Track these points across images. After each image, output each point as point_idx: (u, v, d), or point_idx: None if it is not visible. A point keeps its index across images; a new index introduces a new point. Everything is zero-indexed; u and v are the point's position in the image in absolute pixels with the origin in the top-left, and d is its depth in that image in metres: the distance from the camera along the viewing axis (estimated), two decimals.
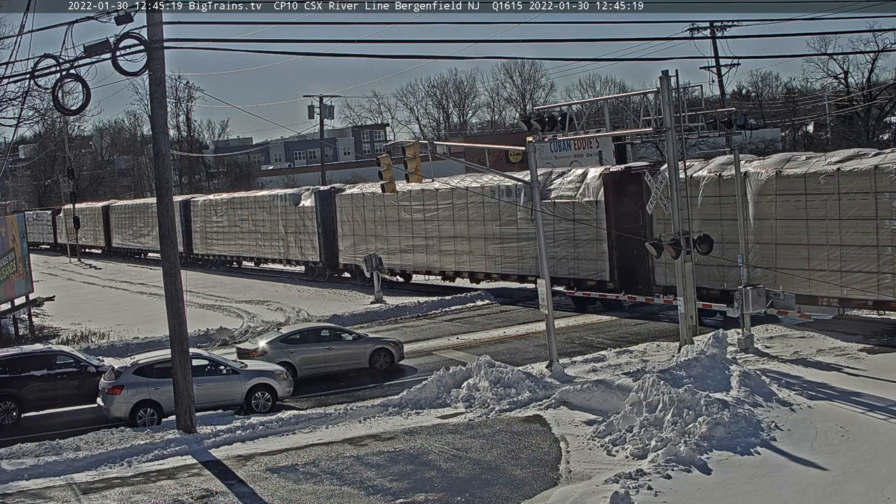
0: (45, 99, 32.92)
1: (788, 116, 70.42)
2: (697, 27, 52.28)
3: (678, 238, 21.86)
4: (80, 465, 17.50)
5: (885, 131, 64.48)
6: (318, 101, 69.63)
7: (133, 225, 66.29)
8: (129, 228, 67.02)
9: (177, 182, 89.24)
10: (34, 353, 23.29)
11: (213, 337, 29.75)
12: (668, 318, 27.16)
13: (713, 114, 23.59)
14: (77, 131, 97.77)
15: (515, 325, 29.36)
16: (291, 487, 15.67)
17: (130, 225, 66.93)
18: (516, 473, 15.49)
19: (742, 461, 14.99)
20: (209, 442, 18.48)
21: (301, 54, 20.48)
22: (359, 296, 37.06)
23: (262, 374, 21.80)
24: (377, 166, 24.74)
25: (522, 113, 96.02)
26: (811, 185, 23.46)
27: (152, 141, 20.34)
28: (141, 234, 64.32)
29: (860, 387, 18.35)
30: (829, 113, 70.28)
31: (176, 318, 19.04)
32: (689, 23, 51.62)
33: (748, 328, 22.36)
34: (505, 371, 20.66)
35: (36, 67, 17.89)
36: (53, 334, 33.19)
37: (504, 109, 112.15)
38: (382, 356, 24.77)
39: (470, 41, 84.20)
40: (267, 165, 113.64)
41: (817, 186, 23.30)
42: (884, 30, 54.79)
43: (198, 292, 39.70)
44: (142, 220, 63.78)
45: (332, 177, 68.17)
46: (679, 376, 18.11)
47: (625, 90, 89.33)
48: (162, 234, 19.45)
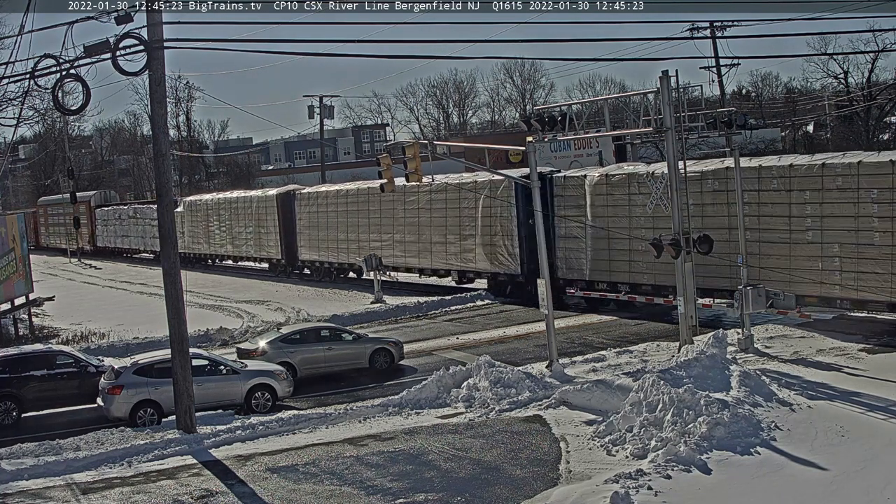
0: (45, 99, 32.95)
1: (788, 116, 70.44)
2: (697, 27, 52.39)
3: (678, 238, 21.87)
4: (80, 465, 17.51)
5: (885, 131, 64.50)
6: (318, 101, 69.70)
7: (215, 226, 53.84)
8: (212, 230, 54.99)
9: (177, 182, 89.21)
10: (34, 353, 23.29)
11: (213, 337, 29.77)
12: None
13: (713, 114, 23.56)
14: (77, 131, 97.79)
15: (515, 325, 29.36)
16: (291, 487, 15.67)
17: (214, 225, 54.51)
18: (516, 473, 15.49)
19: (742, 461, 14.99)
20: (209, 442, 18.48)
21: (301, 54, 20.44)
22: (359, 296, 37.07)
23: (262, 374, 21.80)
24: (377, 166, 24.77)
25: (522, 113, 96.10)
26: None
27: (152, 141, 20.35)
28: (231, 237, 52.05)
29: (860, 387, 18.35)
30: (829, 113, 70.29)
31: (176, 318, 19.05)
32: (689, 23, 51.79)
33: (748, 328, 22.36)
34: (505, 371, 20.66)
35: (36, 67, 17.90)
36: (53, 334, 33.20)
37: (504, 109, 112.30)
38: (382, 356, 24.78)
39: (470, 41, 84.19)
40: (267, 165, 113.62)
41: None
42: (884, 30, 54.88)
43: (198, 292, 39.72)
44: (240, 218, 50.94)
45: (332, 176, 68.16)
46: (679, 376, 18.11)
47: (625, 90, 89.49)
48: (162, 234, 19.48)
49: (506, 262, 33.31)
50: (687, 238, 21.99)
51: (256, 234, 48.89)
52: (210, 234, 54.18)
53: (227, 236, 52.07)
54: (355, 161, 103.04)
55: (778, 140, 63.64)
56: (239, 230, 50.69)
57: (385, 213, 39.39)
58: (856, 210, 22.80)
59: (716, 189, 26.17)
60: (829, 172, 23.36)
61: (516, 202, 32.36)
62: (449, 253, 36.05)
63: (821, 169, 23.60)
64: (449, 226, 35.92)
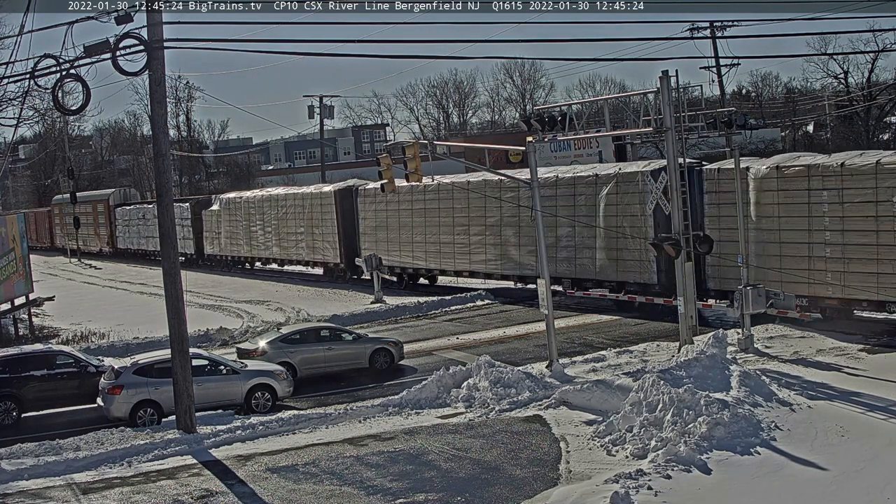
0: (45, 99, 32.98)
1: (788, 116, 70.48)
2: (697, 27, 52.37)
3: (678, 238, 21.87)
4: (80, 465, 17.50)
5: (885, 131, 64.52)
6: (318, 101, 69.69)
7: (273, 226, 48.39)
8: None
9: (177, 182, 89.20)
10: (34, 353, 23.28)
11: (213, 337, 29.77)
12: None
13: (713, 114, 23.60)
14: (77, 131, 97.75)
15: (515, 325, 29.35)
16: (291, 487, 15.67)
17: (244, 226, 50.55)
18: (516, 473, 15.49)
19: (742, 461, 14.99)
20: (209, 442, 18.48)
21: (301, 54, 20.47)
22: (359, 296, 37.05)
23: (262, 374, 21.80)
24: (377, 166, 24.77)
25: (522, 113, 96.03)
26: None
27: (152, 141, 20.34)
28: (279, 238, 46.96)
29: (860, 387, 18.35)
30: (829, 113, 70.30)
31: (176, 319, 19.05)
32: (689, 23, 51.76)
33: (748, 328, 22.36)
34: (505, 371, 20.66)
35: (36, 67, 17.91)
36: (53, 334, 33.19)
37: (504, 109, 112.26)
38: (382, 356, 24.77)
39: (470, 41, 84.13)
40: (267, 165, 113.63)
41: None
42: (884, 30, 54.90)
43: (198, 292, 39.69)
44: (288, 217, 46.11)
45: (332, 176, 68.12)
46: (679, 376, 18.11)
47: (625, 90, 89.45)
48: (162, 234, 19.47)
49: (637, 268, 28.30)
50: (687, 238, 22.00)
51: (309, 235, 43.84)
52: (252, 235, 48.95)
53: (274, 237, 46.96)
54: (355, 161, 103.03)
55: (778, 140, 63.69)
56: (288, 231, 45.65)
57: (475, 212, 34.52)
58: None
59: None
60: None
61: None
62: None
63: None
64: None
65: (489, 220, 34.04)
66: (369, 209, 40.10)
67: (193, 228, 55.25)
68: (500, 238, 33.55)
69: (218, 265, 52.92)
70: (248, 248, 49.53)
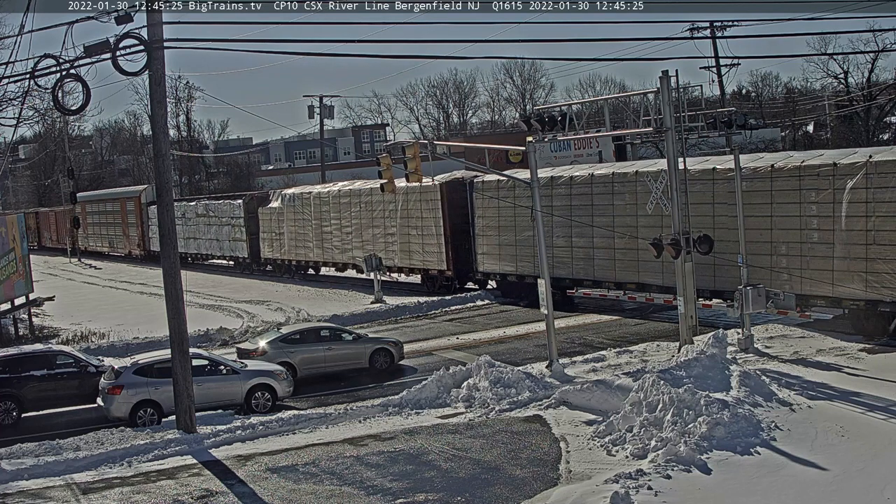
0: (45, 99, 32.97)
1: (788, 116, 70.51)
2: (697, 27, 52.38)
3: (678, 238, 21.87)
4: (80, 465, 17.51)
5: (885, 131, 64.51)
6: (318, 101, 69.69)
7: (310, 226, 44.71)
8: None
9: (176, 182, 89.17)
10: (34, 353, 23.29)
11: (213, 337, 29.78)
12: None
13: (713, 114, 23.58)
14: (77, 131, 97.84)
15: (515, 325, 29.36)
16: (291, 487, 15.67)
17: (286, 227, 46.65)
18: (516, 473, 15.49)
19: (742, 461, 14.99)
20: (209, 442, 18.49)
21: (301, 54, 20.43)
22: (359, 296, 37.06)
23: (262, 374, 21.80)
24: (377, 166, 24.78)
25: (522, 113, 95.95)
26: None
27: (152, 141, 20.34)
28: (361, 240, 40.70)
29: (860, 387, 18.35)
30: (829, 113, 70.33)
31: (176, 319, 19.05)
32: (689, 23, 51.77)
33: (748, 328, 22.36)
34: (505, 371, 20.66)
35: (36, 67, 17.90)
36: (53, 334, 33.19)
37: (504, 109, 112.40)
38: (382, 356, 24.78)
39: (470, 41, 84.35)
40: (267, 165, 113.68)
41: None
42: (884, 30, 55.02)
43: (198, 292, 39.71)
44: (375, 216, 40.08)
45: (333, 176, 68.14)
46: (679, 376, 18.12)
47: (625, 90, 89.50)
48: (162, 234, 19.46)
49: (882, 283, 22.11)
50: (687, 238, 22.00)
51: (405, 237, 37.80)
52: (324, 237, 42.92)
53: (355, 239, 40.77)
54: (355, 161, 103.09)
55: (778, 140, 63.68)
56: (375, 232, 39.44)
57: (627, 210, 28.47)
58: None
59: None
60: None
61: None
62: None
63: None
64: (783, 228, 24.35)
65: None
66: (489, 206, 33.94)
67: (247, 229, 49.02)
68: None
69: (278, 270, 47.20)
70: (321, 251, 43.50)
